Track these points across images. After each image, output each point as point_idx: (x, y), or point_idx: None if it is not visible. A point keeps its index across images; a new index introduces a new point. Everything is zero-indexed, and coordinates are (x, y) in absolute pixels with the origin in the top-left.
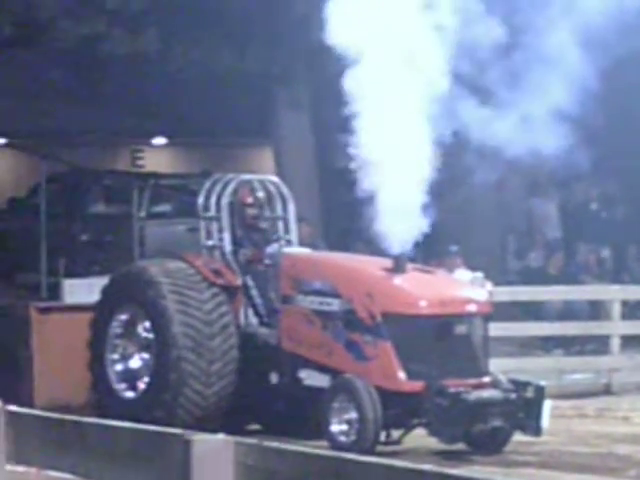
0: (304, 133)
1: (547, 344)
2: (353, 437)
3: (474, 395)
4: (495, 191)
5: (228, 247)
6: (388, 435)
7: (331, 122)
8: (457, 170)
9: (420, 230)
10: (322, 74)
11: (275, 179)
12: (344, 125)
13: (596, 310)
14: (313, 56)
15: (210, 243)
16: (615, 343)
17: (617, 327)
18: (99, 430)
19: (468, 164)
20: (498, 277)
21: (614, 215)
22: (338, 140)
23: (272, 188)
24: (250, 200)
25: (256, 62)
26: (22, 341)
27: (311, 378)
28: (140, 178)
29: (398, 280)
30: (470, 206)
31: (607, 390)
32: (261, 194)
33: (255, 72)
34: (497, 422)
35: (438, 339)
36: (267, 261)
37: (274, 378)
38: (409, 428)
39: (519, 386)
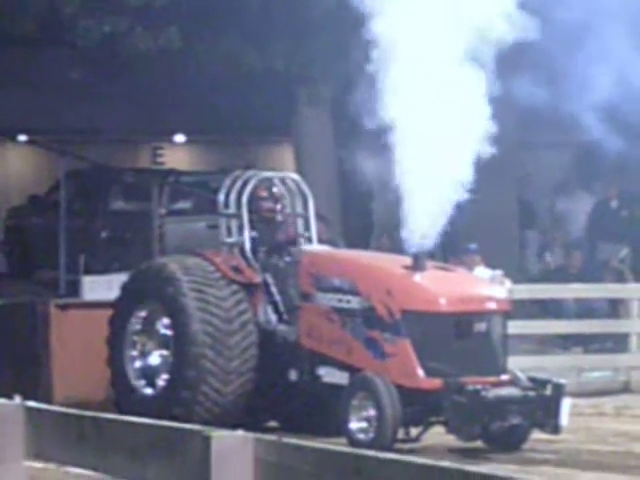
0: (325, 131)
1: (566, 342)
2: (372, 434)
3: (493, 393)
4: (518, 189)
5: (248, 244)
6: (407, 432)
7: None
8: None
9: (443, 227)
10: (344, 72)
11: (295, 176)
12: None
13: (615, 308)
14: (335, 54)
15: (230, 240)
16: (634, 341)
17: (636, 325)
18: (118, 426)
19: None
20: (517, 275)
21: (634, 213)
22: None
23: (292, 185)
24: (264, 193)
25: (277, 60)
26: (41, 338)
27: (330, 375)
28: (160, 175)
29: (417, 277)
30: (490, 204)
31: (626, 388)
32: (276, 189)
33: (276, 70)
34: (515, 420)
35: (457, 337)
36: (287, 258)
37: (293, 375)
38: (428, 425)
39: (538, 384)
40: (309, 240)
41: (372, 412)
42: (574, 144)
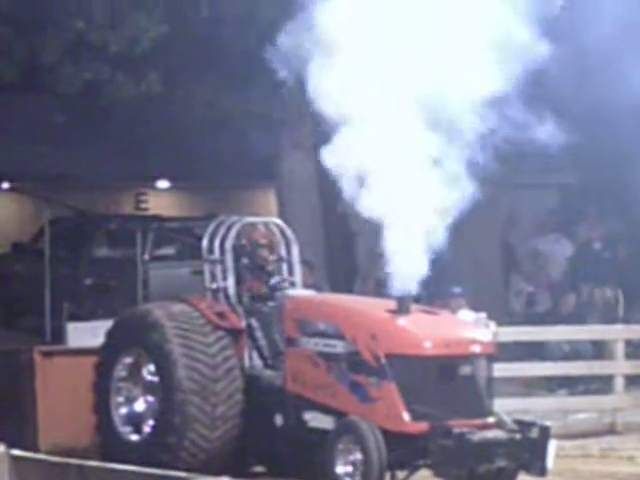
0: (308, 175)
1: (551, 384)
2: (358, 479)
3: (479, 435)
4: (501, 231)
5: (232, 290)
6: (393, 476)
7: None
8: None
9: (425, 271)
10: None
11: (279, 221)
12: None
13: (600, 350)
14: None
15: (214, 286)
16: (619, 383)
17: (621, 367)
18: (103, 474)
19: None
20: (502, 317)
21: (617, 254)
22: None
23: (276, 230)
24: (265, 241)
25: (259, 104)
26: (26, 385)
27: (316, 420)
28: (144, 221)
29: (402, 321)
30: (474, 246)
31: (611, 429)
32: (276, 237)
33: (258, 114)
34: (502, 462)
35: (442, 380)
36: (271, 303)
37: (279, 420)
38: (414, 469)
39: (524, 426)
40: (293, 285)
41: (358, 456)
42: (557, 185)
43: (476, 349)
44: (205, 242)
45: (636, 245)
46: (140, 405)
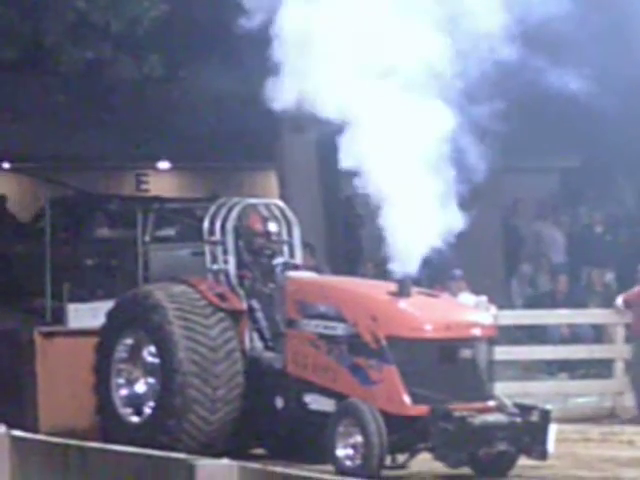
0: (309, 156)
1: (551, 367)
2: (358, 461)
3: (479, 419)
4: (506, 215)
5: (233, 271)
6: (393, 459)
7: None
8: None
9: (428, 250)
10: None
11: (280, 203)
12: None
13: (600, 334)
14: None
15: (215, 267)
16: (619, 367)
17: (621, 351)
18: (103, 455)
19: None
20: (503, 301)
21: (618, 238)
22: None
23: (277, 212)
24: (260, 229)
25: (260, 85)
26: (26, 366)
27: (316, 402)
28: (144, 202)
29: (403, 304)
30: (475, 229)
31: (612, 414)
32: (274, 228)
33: (258, 95)
34: (502, 446)
35: (443, 363)
36: (272, 285)
37: (279, 402)
38: (414, 452)
39: (524, 410)
40: (295, 267)
41: (358, 439)
42: (558, 169)
43: (477, 332)
44: (206, 223)
45: (638, 228)
46: (140, 387)
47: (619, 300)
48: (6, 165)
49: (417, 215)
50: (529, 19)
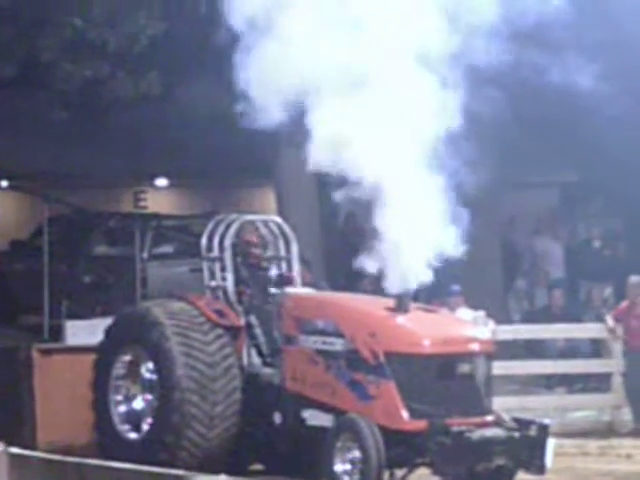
0: (306, 173)
1: (550, 382)
2: (357, 477)
3: (477, 434)
4: (502, 230)
5: (231, 287)
6: (392, 474)
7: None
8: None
9: (428, 269)
10: None
11: (278, 219)
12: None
13: (598, 348)
14: None
15: (213, 284)
16: (617, 381)
17: (619, 365)
18: (101, 472)
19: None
20: (501, 316)
21: (616, 252)
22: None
23: (275, 228)
24: (254, 239)
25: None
26: (24, 383)
27: (314, 418)
28: (142, 219)
29: (401, 319)
30: (474, 245)
31: (610, 428)
32: (265, 233)
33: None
34: (500, 461)
35: (441, 378)
36: (270, 301)
37: (277, 418)
38: (413, 467)
39: (522, 424)
40: (289, 279)
41: (357, 454)
42: (558, 184)
43: (475, 347)
44: (204, 240)
45: (636, 243)
46: (139, 403)
47: (609, 320)
48: (4, 183)
49: (416, 232)
50: (527, 19)
